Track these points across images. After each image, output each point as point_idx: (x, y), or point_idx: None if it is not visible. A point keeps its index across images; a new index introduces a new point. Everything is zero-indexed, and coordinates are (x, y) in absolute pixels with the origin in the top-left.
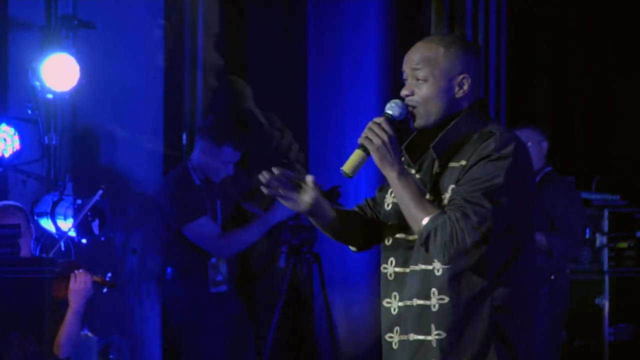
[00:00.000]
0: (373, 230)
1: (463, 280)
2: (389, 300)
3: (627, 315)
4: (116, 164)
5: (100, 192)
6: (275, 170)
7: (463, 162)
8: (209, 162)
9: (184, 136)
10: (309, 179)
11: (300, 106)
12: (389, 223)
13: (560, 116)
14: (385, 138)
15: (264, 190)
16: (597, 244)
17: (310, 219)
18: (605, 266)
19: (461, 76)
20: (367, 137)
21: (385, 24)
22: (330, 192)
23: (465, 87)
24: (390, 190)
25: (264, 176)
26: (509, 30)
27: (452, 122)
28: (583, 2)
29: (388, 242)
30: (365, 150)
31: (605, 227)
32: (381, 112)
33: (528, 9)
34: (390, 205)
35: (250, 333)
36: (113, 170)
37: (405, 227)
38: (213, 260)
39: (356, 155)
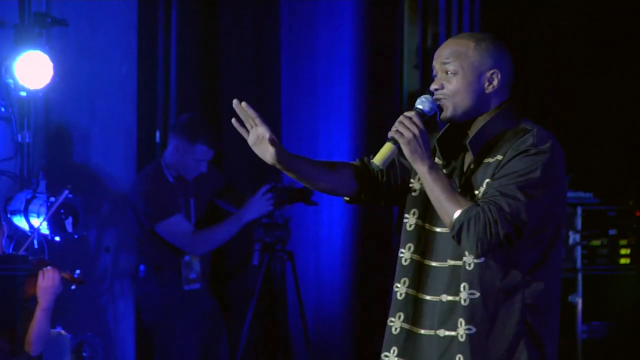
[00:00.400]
0: (367, 183)
1: (495, 275)
2: (397, 285)
3: (601, 313)
4: (89, 162)
5: (66, 191)
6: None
7: (499, 157)
8: (182, 159)
9: (158, 134)
10: (262, 133)
11: (274, 103)
12: (413, 209)
13: (532, 114)
14: (416, 132)
15: (235, 123)
16: (570, 241)
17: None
18: (579, 264)
19: (491, 71)
20: (397, 130)
21: (358, 21)
22: (304, 189)
23: (495, 82)
24: (417, 176)
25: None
26: (482, 27)
27: (488, 119)
28: (559, 2)
29: (410, 227)
30: (395, 143)
31: (579, 225)
32: (354, 108)
33: (501, 7)
34: (417, 191)
35: (224, 330)
36: (86, 168)
37: (430, 217)
38: (186, 257)
39: (386, 147)
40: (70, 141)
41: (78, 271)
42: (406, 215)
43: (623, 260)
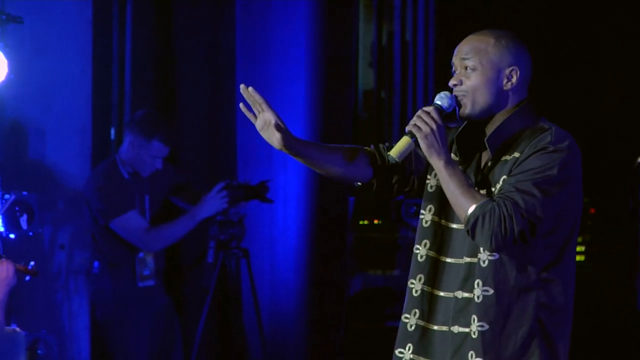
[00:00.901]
0: (382, 172)
1: (509, 273)
2: (413, 281)
3: None
4: (44, 159)
5: (11, 197)
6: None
7: (516, 155)
8: (137, 156)
9: (112, 131)
10: (269, 118)
11: (229, 101)
12: (429, 205)
13: None
14: (434, 126)
15: (243, 108)
16: None
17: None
18: None
19: (510, 68)
20: (415, 124)
21: (313, 20)
22: (259, 186)
23: (514, 79)
24: (433, 172)
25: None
26: (437, 26)
27: (507, 117)
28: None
29: (426, 224)
30: (412, 137)
31: None
32: (309, 107)
33: (456, 3)
34: (433, 187)
35: (178, 328)
36: (41, 165)
37: (446, 213)
38: (140, 254)
39: (404, 141)
40: (25, 138)
41: (32, 263)
42: (422, 212)
43: (578, 258)
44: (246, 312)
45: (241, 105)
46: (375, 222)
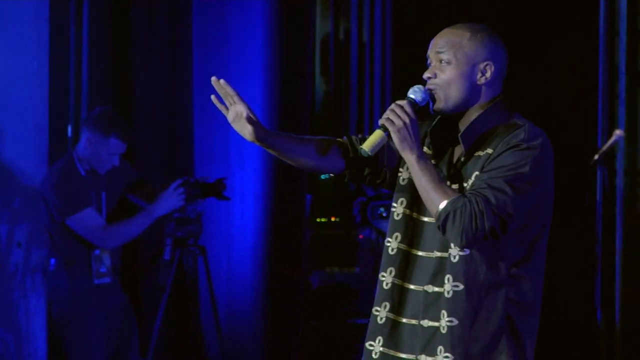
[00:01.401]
0: (354, 163)
1: (480, 268)
2: (383, 274)
3: None
4: (1, 156)
5: None
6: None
7: (489, 151)
8: (95, 153)
9: (70, 128)
10: (240, 111)
11: (186, 98)
12: (401, 198)
13: None
14: (407, 120)
15: (214, 100)
16: None
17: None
18: None
19: (485, 63)
20: (388, 118)
21: (270, 17)
22: (216, 184)
23: (488, 74)
24: (406, 165)
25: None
26: (394, 24)
27: (481, 112)
28: None
29: (397, 217)
30: (385, 130)
31: None
32: (267, 104)
33: (413, 2)
34: (405, 180)
35: (134, 325)
36: None
37: (418, 206)
38: (97, 251)
39: (376, 135)
40: None
41: None
42: (394, 205)
43: None
44: (203, 310)
45: (213, 97)
46: (333, 219)
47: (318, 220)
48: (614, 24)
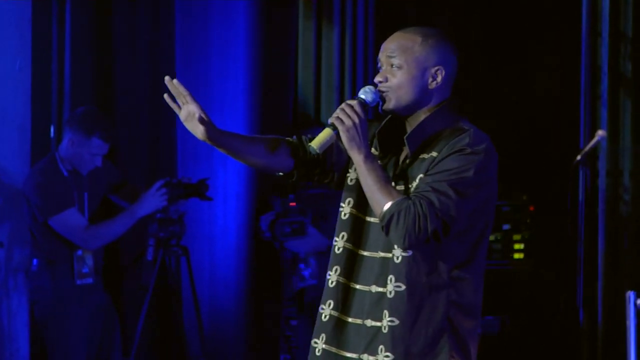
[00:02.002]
0: (303, 162)
1: (422, 270)
2: (329, 272)
3: (494, 307)
4: None
5: None
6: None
7: (434, 154)
8: (77, 153)
9: (52, 128)
10: (193, 110)
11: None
12: (348, 198)
13: None
14: (356, 120)
15: (167, 99)
16: None
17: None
18: None
19: (436, 68)
20: (338, 117)
21: (252, 18)
22: (198, 184)
23: (439, 79)
24: (354, 166)
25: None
26: (376, 26)
27: (428, 115)
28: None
29: (344, 216)
30: (334, 129)
31: None
32: (248, 106)
33: (396, 4)
34: (353, 181)
35: (117, 325)
36: None
37: (364, 206)
38: (79, 252)
39: (325, 133)
40: None
41: None
42: (342, 204)
43: (517, 255)
44: (186, 310)
45: (165, 96)
46: None
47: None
48: (596, 25)
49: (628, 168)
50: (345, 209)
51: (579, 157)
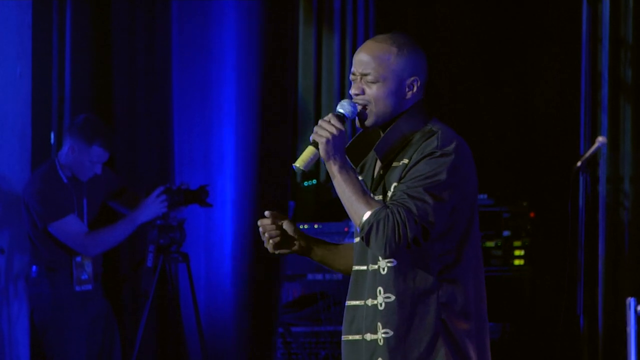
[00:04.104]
0: None
1: (408, 277)
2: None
3: (494, 314)
4: None
5: None
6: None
7: (405, 161)
8: (77, 160)
9: (52, 135)
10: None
11: (165, 105)
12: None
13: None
14: (334, 131)
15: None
16: None
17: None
18: None
19: (412, 78)
20: (316, 132)
21: (251, 24)
22: (198, 191)
23: (415, 88)
24: None
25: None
26: (376, 30)
27: (396, 122)
28: (450, 3)
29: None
30: (316, 146)
31: None
32: (247, 111)
33: (396, 9)
34: None
35: (117, 332)
36: None
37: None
38: (78, 258)
39: (308, 151)
40: None
41: None
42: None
43: (517, 262)
44: (185, 316)
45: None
46: (316, 226)
47: (301, 227)
48: (596, 31)
49: (628, 174)
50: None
51: (579, 164)
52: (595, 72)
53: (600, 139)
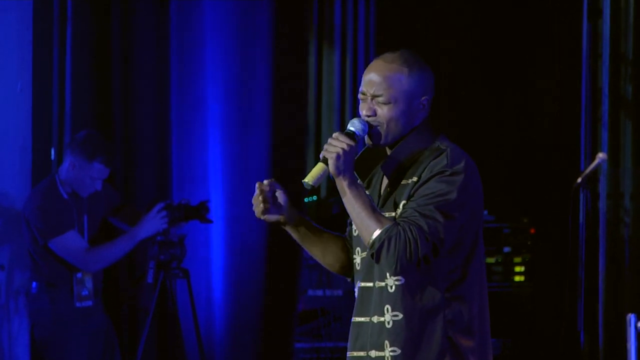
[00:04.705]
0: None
1: (416, 295)
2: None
3: (494, 330)
4: None
5: None
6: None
7: (414, 179)
8: (78, 176)
9: (53, 151)
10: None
11: (164, 120)
12: (357, 247)
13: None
14: (345, 147)
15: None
16: None
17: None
18: None
19: (423, 97)
20: (326, 149)
21: (250, 40)
22: (199, 206)
23: (426, 106)
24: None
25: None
26: (377, 45)
27: (405, 139)
28: (449, 15)
29: (357, 266)
30: (325, 162)
31: None
32: (242, 125)
33: (397, 27)
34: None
35: (117, 348)
36: None
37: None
38: (79, 274)
39: (317, 167)
40: None
41: None
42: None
43: (517, 278)
44: (185, 332)
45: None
46: None
47: None
48: (597, 47)
49: (629, 190)
50: (357, 258)
51: (579, 180)
52: (596, 88)
53: (601, 155)
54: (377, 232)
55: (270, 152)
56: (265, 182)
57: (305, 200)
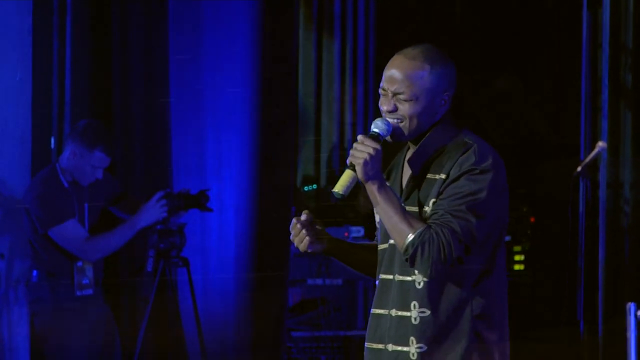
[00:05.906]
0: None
1: (444, 292)
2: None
3: None
4: None
5: None
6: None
7: (443, 176)
8: (79, 165)
9: (53, 140)
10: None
11: (162, 111)
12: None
13: None
14: (371, 151)
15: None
16: None
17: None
18: None
19: (445, 93)
20: (353, 155)
21: (249, 28)
22: (199, 195)
23: (447, 102)
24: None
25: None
26: (377, 35)
27: (429, 134)
28: (450, 8)
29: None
30: (353, 168)
31: None
32: (244, 116)
33: (397, 17)
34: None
35: (117, 337)
36: None
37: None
38: (79, 263)
39: (346, 175)
40: None
41: None
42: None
43: (517, 267)
44: (185, 321)
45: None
46: None
47: None
48: (596, 37)
49: (628, 179)
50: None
51: (579, 169)
52: (596, 77)
53: (601, 144)
54: (410, 237)
55: (256, 140)
56: (303, 216)
57: (305, 188)
